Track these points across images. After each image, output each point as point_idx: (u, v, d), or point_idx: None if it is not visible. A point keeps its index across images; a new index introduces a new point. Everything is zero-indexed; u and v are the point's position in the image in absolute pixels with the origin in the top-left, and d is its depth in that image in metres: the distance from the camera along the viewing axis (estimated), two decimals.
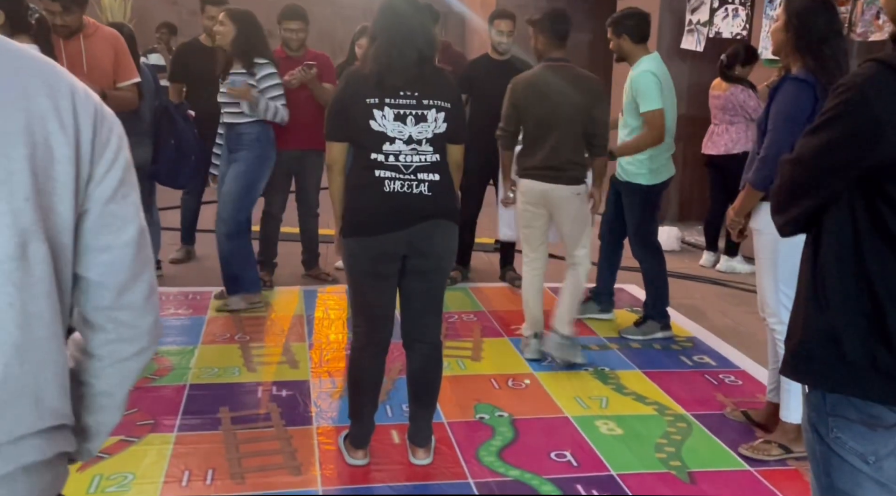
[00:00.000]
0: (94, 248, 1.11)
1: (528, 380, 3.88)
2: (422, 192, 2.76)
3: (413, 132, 2.74)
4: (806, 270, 1.63)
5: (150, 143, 4.96)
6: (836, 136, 1.52)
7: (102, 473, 2.87)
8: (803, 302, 1.62)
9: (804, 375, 1.63)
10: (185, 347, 4.15)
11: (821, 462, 1.64)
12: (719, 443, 3.29)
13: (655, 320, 4.55)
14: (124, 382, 1.20)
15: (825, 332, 1.56)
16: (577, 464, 3.08)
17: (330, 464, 3.00)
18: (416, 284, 2.86)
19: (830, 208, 1.56)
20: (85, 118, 1.10)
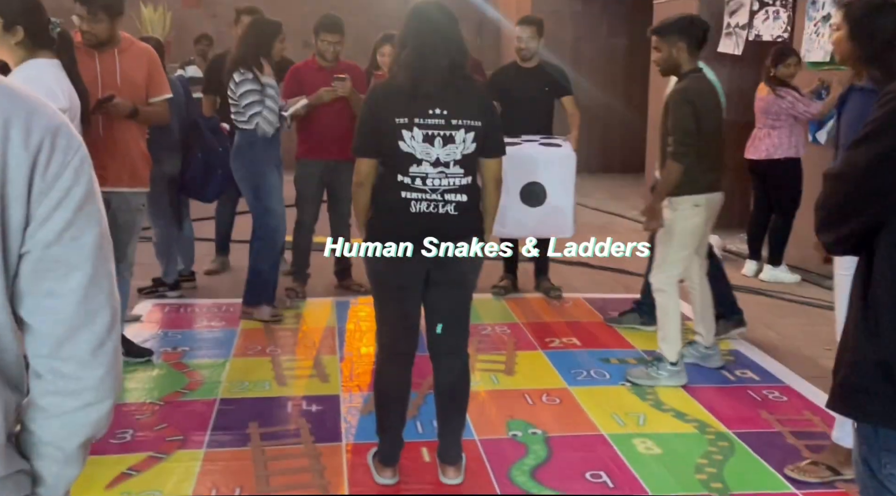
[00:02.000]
0: (35, 293, 1.04)
1: (563, 395, 3.79)
2: (448, 211, 2.70)
3: (441, 154, 2.67)
4: (857, 298, 1.52)
5: (178, 157, 4.98)
6: (883, 150, 1.42)
7: (130, 491, 2.85)
8: (853, 331, 1.51)
9: (854, 409, 1.52)
10: (217, 360, 4.13)
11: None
12: (763, 463, 3.16)
13: (726, 319, 4.49)
14: (72, 436, 1.10)
15: (877, 364, 1.45)
16: (613, 485, 2.98)
17: (358, 483, 2.94)
18: (441, 297, 2.79)
19: (882, 230, 1.46)
20: (19, 154, 1.01)
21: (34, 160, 1.02)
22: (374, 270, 2.79)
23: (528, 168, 4.70)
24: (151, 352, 4.12)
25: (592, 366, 4.17)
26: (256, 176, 4.57)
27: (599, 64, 11.22)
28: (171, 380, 3.87)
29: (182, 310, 4.98)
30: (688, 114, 3.71)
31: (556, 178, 4.75)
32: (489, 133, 2.73)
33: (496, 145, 2.79)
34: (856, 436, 1.56)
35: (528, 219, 4.77)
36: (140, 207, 3.97)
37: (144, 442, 3.22)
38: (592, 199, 9.17)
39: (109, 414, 1.12)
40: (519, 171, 4.62)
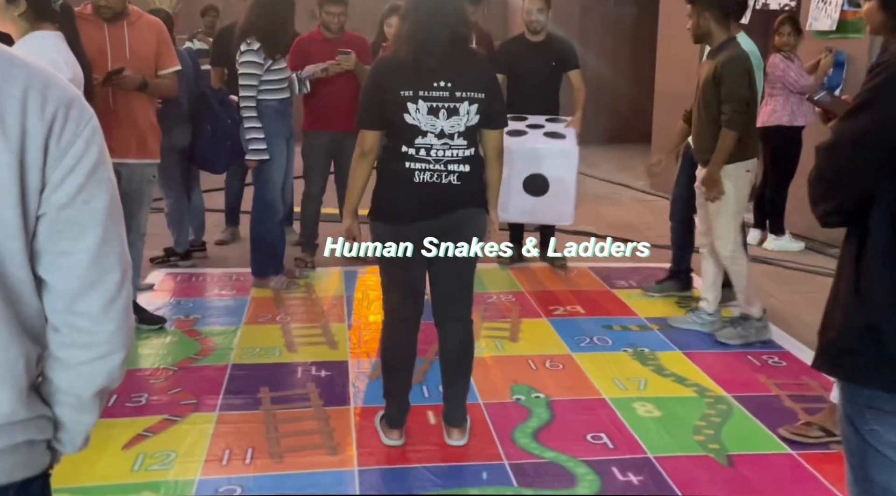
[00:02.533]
0: (51, 252, 1.12)
1: (566, 361, 3.87)
2: (451, 181, 2.77)
3: (445, 126, 2.73)
4: (847, 265, 1.57)
5: (188, 128, 5.04)
6: (874, 120, 1.46)
7: (146, 451, 2.95)
8: (844, 295, 1.57)
9: (842, 370, 1.59)
10: (229, 328, 4.23)
11: (856, 454, 1.60)
12: (760, 425, 3.25)
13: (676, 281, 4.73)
14: (87, 385, 1.19)
15: (866, 328, 1.51)
16: (614, 446, 3.07)
17: (366, 445, 3.04)
18: (445, 265, 2.87)
19: (876, 200, 1.50)
20: (35, 122, 1.08)
21: (49, 129, 1.10)
22: (380, 239, 2.86)
23: (532, 161, 4.86)
24: (164, 320, 4.21)
25: (595, 333, 4.24)
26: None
27: (606, 34, 11.18)
28: (183, 346, 3.97)
29: (194, 279, 5.08)
30: (745, 83, 3.81)
31: (558, 170, 4.89)
32: (492, 104, 2.78)
33: (498, 117, 2.85)
34: (841, 395, 1.63)
35: (530, 206, 4.92)
36: (150, 178, 4.04)
37: (159, 405, 3.33)
38: (599, 170, 9.21)
39: (122, 365, 1.21)
40: (523, 163, 4.83)
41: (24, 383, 1.13)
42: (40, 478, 1.20)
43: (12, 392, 1.12)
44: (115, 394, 3.41)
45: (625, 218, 7.06)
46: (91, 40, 3.75)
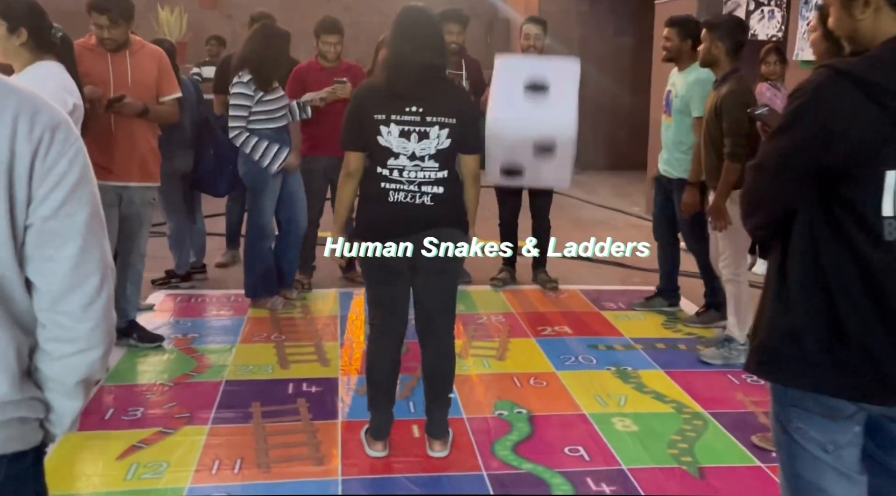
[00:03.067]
0: (38, 258, 1.28)
1: (550, 378, 3.99)
2: (424, 202, 2.91)
3: (416, 149, 2.88)
4: (773, 273, 1.71)
5: (191, 153, 5.21)
6: (792, 141, 1.60)
7: (140, 461, 3.08)
8: (769, 303, 1.70)
9: (767, 372, 1.72)
10: (224, 346, 4.36)
11: (785, 451, 1.73)
12: (733, 440, 3.35)
13: (718, 311, 4.71)
14: (71, 375, 1.34)
15: (788, 332, 1.64)
16: (590, 458, 3.17)
17: (351, 456, 3.15)
18: (426, 282, 3.00)
19: (797, 215, 1.64)
20: (23, 144, 1.24)
21: (35, 149, 1.25)
22: (363, 257, 3.01)
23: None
24: (162, 338, 4.35)
25: (581, 353, 4.36)
26: (256, 174, 4.79)
27: (606, 62, 11.37)
28: (180, 363, 4.11)
29: (193, 300, 5.22)
30: (744, 116, 3.94)
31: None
32: (465, 130, 2.92)
33: (473, 142, 2.98)
34: (771, 395, 1.75)
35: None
36: (151, 201, 4.20)
37: (154, 418, 3.45)
38: (597, 196, 9.36)
39: (102, 359, 1.36)
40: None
41: (16, 368, 1.29)
42: (32, 452, 1.36)
43: (4, 375, 1.27)
44: (111, 408, 3.54)
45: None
46: (95, 69, 3.95)
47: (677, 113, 4.60)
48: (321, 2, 11.44)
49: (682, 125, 4.58)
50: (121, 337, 4.30)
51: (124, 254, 4.21)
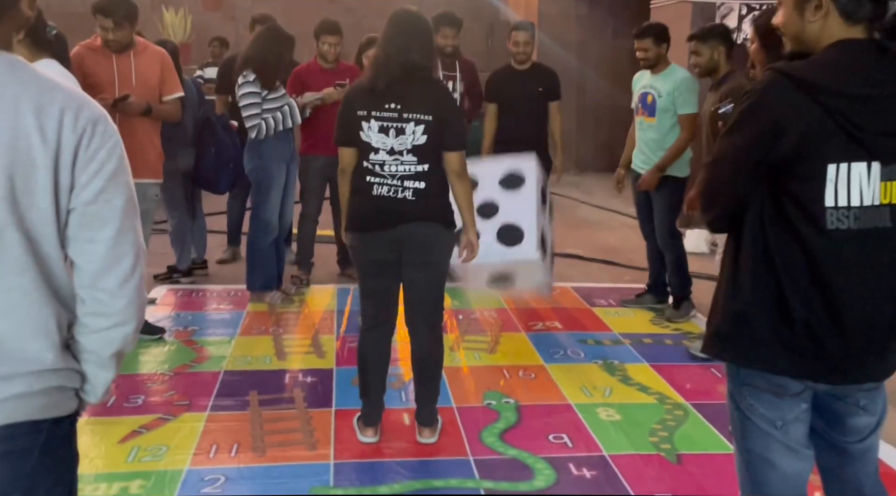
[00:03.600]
0: (79, 239, 1.41)
1: (539, 371, 4.11)
2: (405, 197, 3.03)
3: (394, 144, 3.01)
4: (727, 261, 1.84)
5: (192, 151, 5.35)
6: (744, 138, 1.73)
7: (140, 445, 3.21)
8: (722, 288, 1.83)
9: (721, 353, 1.84)
10: (224, 338, 4.50)
11: (737, 426, 1.85)
12: (713, 429, 3.47)
13: (689, 301, 4.93)
14: (107, 347, 1.46)
15: (739, 314, 1.77)
16: (572, 445, 3.30)
17: (343, 441, 3.28)
18: (412, 275, 3.13)
19: (748, 212, 1.77)
20: (69, 135, 1.37)
21: (79, 140, 1.38)
22: (351, 247, 3.16)
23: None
24: (164, 330, 4.49)
25: (570, 347, 4.49)
26: (261, 171, 4.93)
27: (604, 65, 11.50)
28: (180, 354, 4.24)
29: (194, 295, 5.36)
30: None
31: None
32: (445, 127, 3.02)
33: (454, 139, 3.06)
34: (726, 375, 1.88)
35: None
36: (154, 197, 4.34)
37: (154, 406, 3.59)
38: (594, 197, 9.48)
39: (134, 333, 1.50)
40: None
41: (57, 338, 1.42)
42: (68, 418, 1.49)
43: (46, 343, 1.40)
44: (113, 396, 3.67)
45: (613, 243, 7.31)
46: (101, 69, 4.09)
47: (662, 113, 4.76)
48: (323, 4, 11.56)
49: (667, 124, 4.76)
50: None
51: None
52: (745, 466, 1.85)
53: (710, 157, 1.83)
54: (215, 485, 2.93)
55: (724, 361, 1.85)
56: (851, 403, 1.79)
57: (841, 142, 1.63)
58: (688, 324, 4.89)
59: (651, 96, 4.81)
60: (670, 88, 4.72)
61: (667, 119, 4.76)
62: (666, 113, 4.75)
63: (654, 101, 4.79)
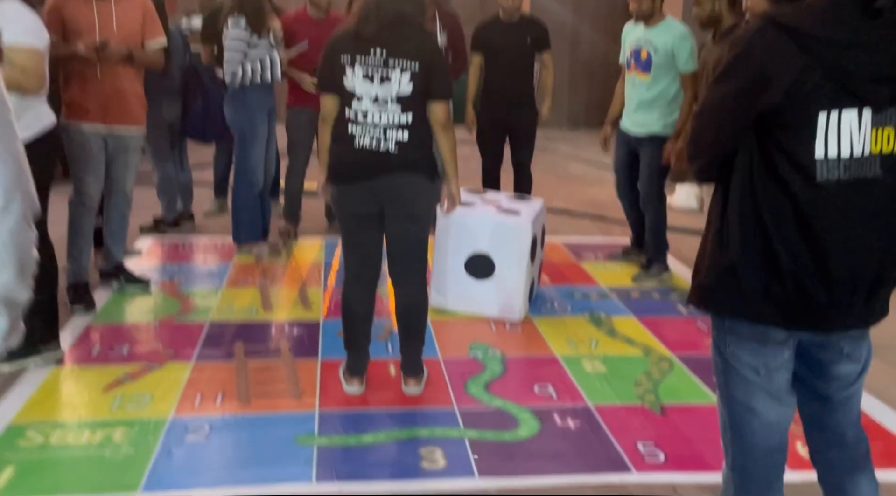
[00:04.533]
0: None
1: (525, 324, 4.11)
2: (388, 148, 2.98)
3: (379, 92, 2.95)
4: (714, 212, 1.81)
5: (178, 101, 5.28)
6: (731, 87, 1.69)
7: (125, 394, 3.20)
8: (710, 241, 1.80)
9: (707, 304, 1.82)
10: (210, 289, 4.48)
11: (721, 374, 1.85)
12: (696, 381, 3.49)
13: (662, 264, 4.81)
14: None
15: (726, 267, 1.75)
16: (557, 396, 3.31)
17: (329, 392, 3.28)
18: (394, 229, 3.10)
19: (736, 161, 1.74)
20: None
21: None
22: (333, 200, 3.12)
23: (474, 237, 4.11)
24: (149, 281, 4.46)
25: (557, 300, 4.49)
26: (244, 122, 4.86)
27: (599, 19, 11.35)
28: (166, 305, 4.22)
29: (180, 247, 5.32)
30: None
31: (507, 251, 4.09)
32: (431, 76, 2.95)
33: (440, 88, 2.99)
34: (711, 327, 1.87)
35: (472, 291, 4.15)
36: (137, 147, 4.27)
37: (139, 355, 3.58)
38: (585, 151, 9.42)
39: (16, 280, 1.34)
40: (464, 239, 4.11)
41: None
42: None
43: None
44: (97, 345, 3.66)
45: (603, 198, 7.26)
46: (81, 16, 3.99)
47: (658, 69, 4.59)
48: None
49: (663, 81, 4.59)
50: (108, 279, 4.41)
51: (111, 200, 4.30)
52: (728, 414, 1.85)
53: (697, 107, 1.80)
54: (200, 433, 2.93)
55: (709, 313, 1.83)
56: (835, 351, 1.78)
57: (830, 90, 1.59)
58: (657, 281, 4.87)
59: (646, 52, 4.63)
60: (667, 44, 4.54)
61: (662, 76, 4.59)
62: (661, 69, 4.58)
63: (648, 56, 4.62)
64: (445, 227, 4.14)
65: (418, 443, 2.92)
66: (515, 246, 4.09)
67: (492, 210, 4.21)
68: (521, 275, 4.10)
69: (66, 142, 4.03)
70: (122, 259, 4.45)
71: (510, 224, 4.10)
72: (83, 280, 4.14)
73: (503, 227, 4.10)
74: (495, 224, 4.11)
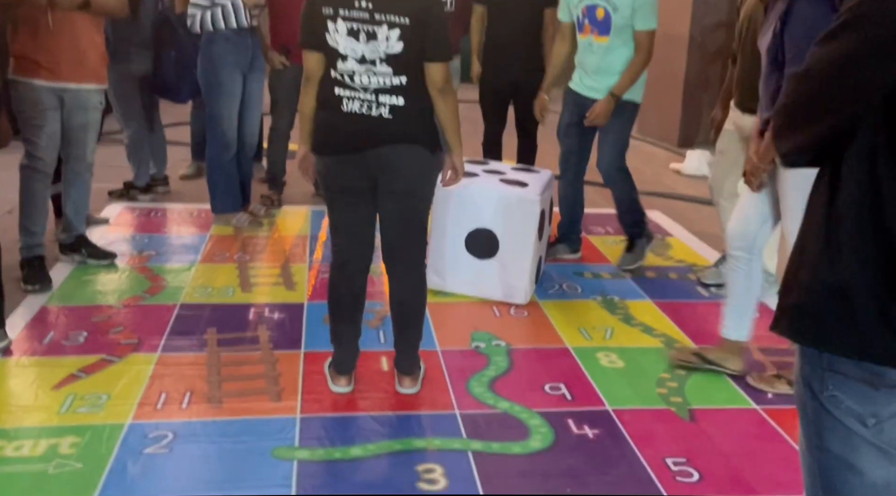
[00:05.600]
0: None
1: (532, 308, 3.71)
2: (381, 114, 2.54)
3: (365, 51, 2.50)
4: (816, 216, 1.37)
5: (149, 55, 4.81)
6: (854, 45, 1.24)
7: (77, 392, 2.79)
8: (809, 250, 1.37)
9: (806, 336, 1.39)
10: (182, 265, 4.04)
11: (812, 421, 1.44)
12: (727, 379, 3.11)
13: (644, 238, 4.31)
14: None
15: (834, 288, 1.31)
16: (572, 397, 2.92)
17: (312, 391, 2.88)
18: (389, 206, 2.68)
19: (851, 144, 1.30)
20: None
21: None
22: (319, 172, 2.69)
23: (476, 211, 3.69)
24: (114, 255, 4.03)
25: (566, 280, 4.09)
26: (210, 76, 4.41)
27: None
28: (132, 283, 3.79)
29: (152, 215, 4.88)
30: None
31: (512, 227, 3.68)
32: (424, 32, 2.49)
33: (436, 48, 2.52)
34: (799, 354, 1.45)
35: (472, 271, 3.75)
36: (97, 106, 3.81)
37: (98, 345, 3.16)
38: None
39: None
40: (465, 213, 3.70)
41: None
42: None
43: None
44: (52, 332, 3.24)
45: None
46: None
47: (620, 31, 3.90)
48: None
49: (624, 43, 3.93)
50: (68, 252, 3.97)
51: (70, 164, 3.84)
52: (819, 470, 1.44)
53: (799, 66, 1.36)
54: (161, 443, 2.52)
55: (806, 346, 1.41)
56: None
57: None
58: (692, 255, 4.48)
59: (602, 10, 3.89)
60: (629, 1, 3.83)
61: (627, 40, 3.90)
62: (624, 31, 3.88)
63: (607, 15, 3.89)
64: (444, 200, 3.71)
65: (415, 457, 2.53)
66: (522, 221, 3.67)
67: (496, 181, 3.78)
68: (527, 255, 3.68)
69: (16, 99, 3.57)
70: (83, 230, 4.00)
71: (516, 197, 3.67)
72: (37, 254, 3.70)
73: (509, 201, 3.67)
74: (500, 196, 3.68)
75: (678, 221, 5.21)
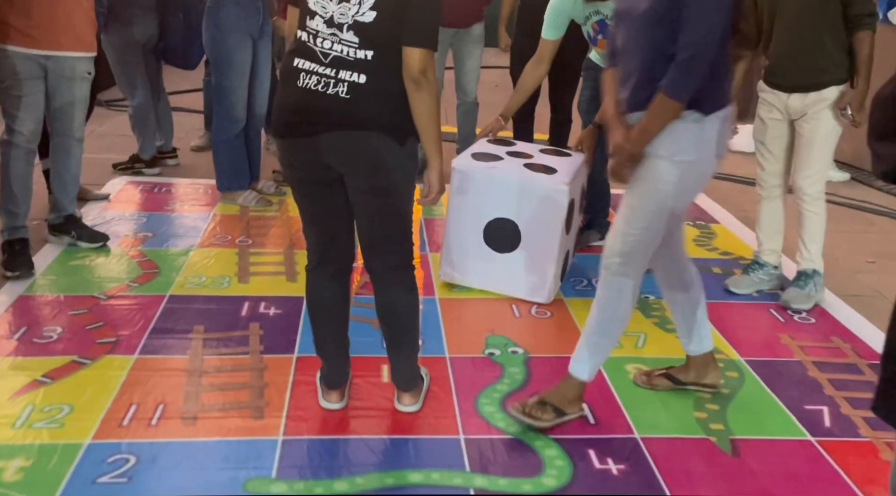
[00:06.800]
0: None
1: (555, 307, 3.33)
2: (338, 93, 2.13)
3: (335, 12, 2.11)
4: None
5: (155, 18, 4.49)
6: None
7: (37, 403, 2.49)
8: None
9: None
10: (179, 249, 3.73)
11: None
12: (776, 401, 2.71)
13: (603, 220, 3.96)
14: None
15: None
16: (595, 421, 2.55)
17: (300, 406, 2.55)
18: (360, 202, 2.28)
19: None
20: None
21: None
22: (279, 158, 2.33)
23: (497, 199, 3.32)
24: (106, 238, 3.73)
25: (595, 275, 3.65)
26: (217, 44, 4.06)
27: None
28: (122, 270, 3.49)
29: (157, 190, 4.57)
30: None
31: (537, 218, 3.31)
32: (404, 10, 2.07)
33: (416, 31, 2.08)
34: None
35: (491, 266, 3.39)
36: (85, 76, 3.47)
37: (70, 344, 2.86)
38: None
39: None
40: (484, 201, 3.33)
41: None
42: None
43: None
44: (24, 327, 2.95)
45: None
46: None
47: None
48: None
49: None
50: (58, 234, 3.68)
51: (56, 139, 3.53)
52: None
53: None
54: (119, 469, 2.20)
55: None
56: None
57: None
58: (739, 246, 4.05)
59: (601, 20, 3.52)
60: None
61: None
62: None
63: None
64: (462, 186, 3.33)
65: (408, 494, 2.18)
66: (547, 212, 3.27)
67: (520, 166, 3.37)
68: (552, 250, 3.29)
69: None
70: (72, 210, 3.70)
71: (542, 184, 3.27)
72: (20, 237, 3.41)
73: (533, 188, 3.27)
74: (523, 183, 3.29)
75: (724, 206, 4.76)
